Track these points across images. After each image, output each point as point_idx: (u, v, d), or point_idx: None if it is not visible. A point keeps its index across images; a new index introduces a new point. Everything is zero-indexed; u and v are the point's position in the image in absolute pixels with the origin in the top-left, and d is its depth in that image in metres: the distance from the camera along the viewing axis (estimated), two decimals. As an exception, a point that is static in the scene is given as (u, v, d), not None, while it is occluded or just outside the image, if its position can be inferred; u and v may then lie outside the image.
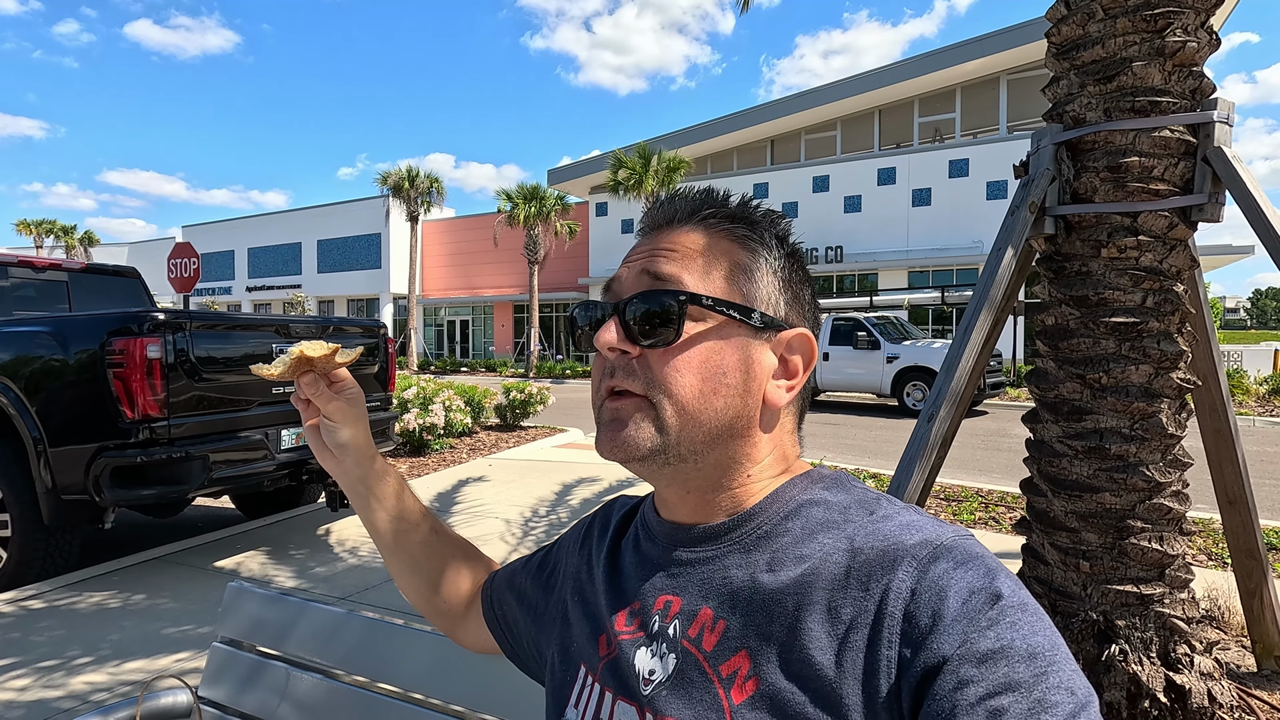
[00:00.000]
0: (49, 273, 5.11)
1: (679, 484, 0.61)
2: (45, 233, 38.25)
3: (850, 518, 0.58)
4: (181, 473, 3.52)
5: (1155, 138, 2.04)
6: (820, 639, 0.52)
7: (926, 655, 0.47)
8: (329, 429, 0.79)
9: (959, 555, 0.52)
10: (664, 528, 0.65)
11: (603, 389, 0.61)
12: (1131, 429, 2.08)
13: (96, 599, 3.50)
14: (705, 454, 0.59)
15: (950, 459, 7.33)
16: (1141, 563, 2.07)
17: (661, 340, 0.58)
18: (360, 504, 0.84)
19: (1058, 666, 0.45)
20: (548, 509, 5.33)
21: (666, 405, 0.57)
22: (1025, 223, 2.17)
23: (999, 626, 0.47)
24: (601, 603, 0.66)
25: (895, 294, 17.93)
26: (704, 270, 0.60)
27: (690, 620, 0.58)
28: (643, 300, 0.58)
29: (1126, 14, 2.05)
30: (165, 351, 3.45)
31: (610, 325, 0.59)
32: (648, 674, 0.59)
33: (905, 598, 0.50)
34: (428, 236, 32.18)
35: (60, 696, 2.54)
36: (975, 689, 0.45)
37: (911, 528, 0.55)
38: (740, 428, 0.59)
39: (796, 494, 0.61)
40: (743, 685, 0.53)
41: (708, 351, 0.58)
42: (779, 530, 0.58)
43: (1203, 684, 2.00)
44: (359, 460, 0.81)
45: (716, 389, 0.58)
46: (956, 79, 23.27)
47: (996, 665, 0.45)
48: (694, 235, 0.62)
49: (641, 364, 0.58)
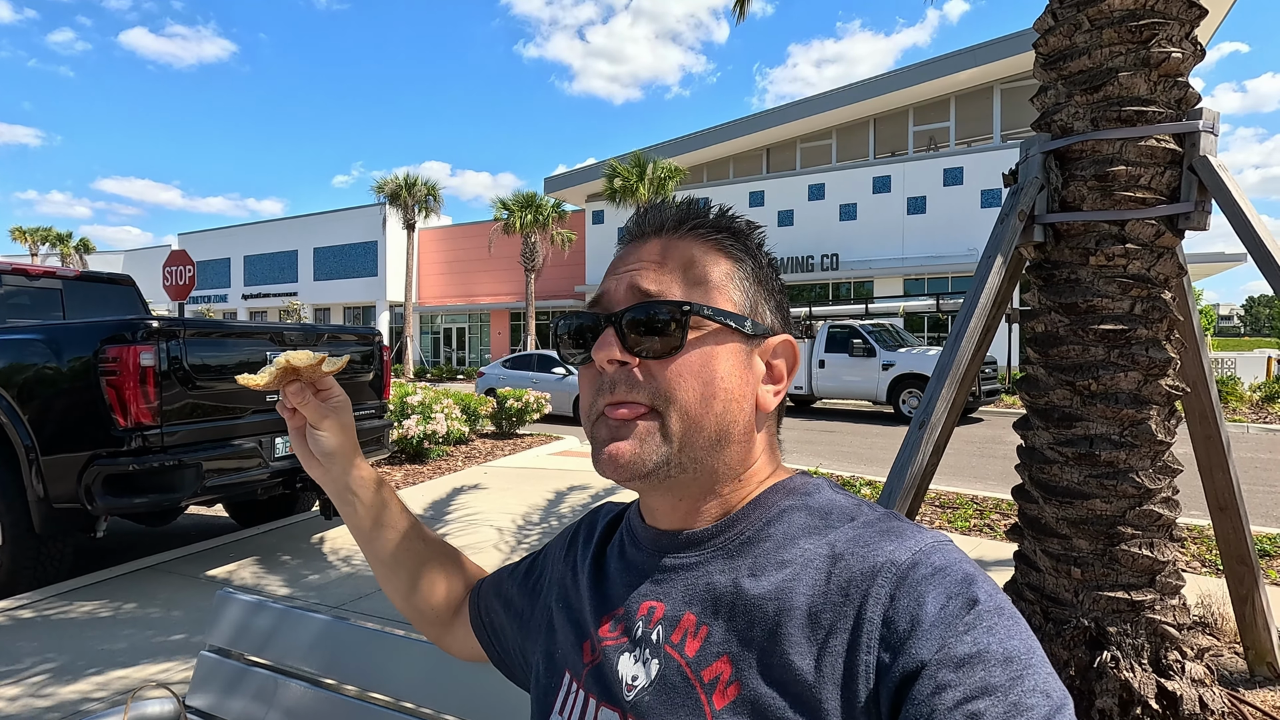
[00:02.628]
0: (43, 280, 5.09)
1: (673, 493, 0.61)
2: (41, 240, 38.18)
3: (831, 523, 0.58)
4: (174, 481, 3.51)
5: (1142, 147, 2.06)
6: (800, 644, 0.52)
7: (905, 660, 0.48)
8: (315, 437, 0.79)
9: (937, 561, 0.52)
10: (649, 534, 0.65)
11: (598, 404, 0.60)
12: (1121, 435, 2.10)
13: (88, 608, 3.48)
14: (705, 461, 0.59)
15: (946, 465, 7.34)
16: (1132, 569, 2.08)
17: (664, 350, 0.58)
18: (347, 511, 0.84)
19: (1033, 670, 0.46)
20: (541, 516, 5.31)
21: (672, 413, 0.57)
22: (1015, 231, 2.18)
23: (975, 631, 0.48)
24: (586, 609, 0.67)
25: (891, 302, 17.96)
26: (696, 281, 0.60)
27: (673, 626, 0.59)
28: (643, 311, 0.59)
29: (1112, 25, 2.07)
30: (159, 359, 3.45)
31: (608, 338, 0.59)
32: (630, 680, 0.59)
33: (884, 603, 0.51)
34: (424, 244, 32.19)
35: (50, 706, 2.52)
36: (952, 693, 0.45)
37: (891, 534, 0.55)
38: (737, 434, 0.60)
39: (779, 499, 0.61)
40: (724, 690, 0.54)
41: (707, 359, 0.59)
42: (761, 535, 0.59)
43: (1194, 690, 2.00)
44: (345, 467, 0.81)
45: (717, 395, 0.59)
46: (950, 88, 23.42)
47: (973, 669, 0.46)
48: (681, 246, 0.62)
49: (644, 374, 0.58)
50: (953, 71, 22.31)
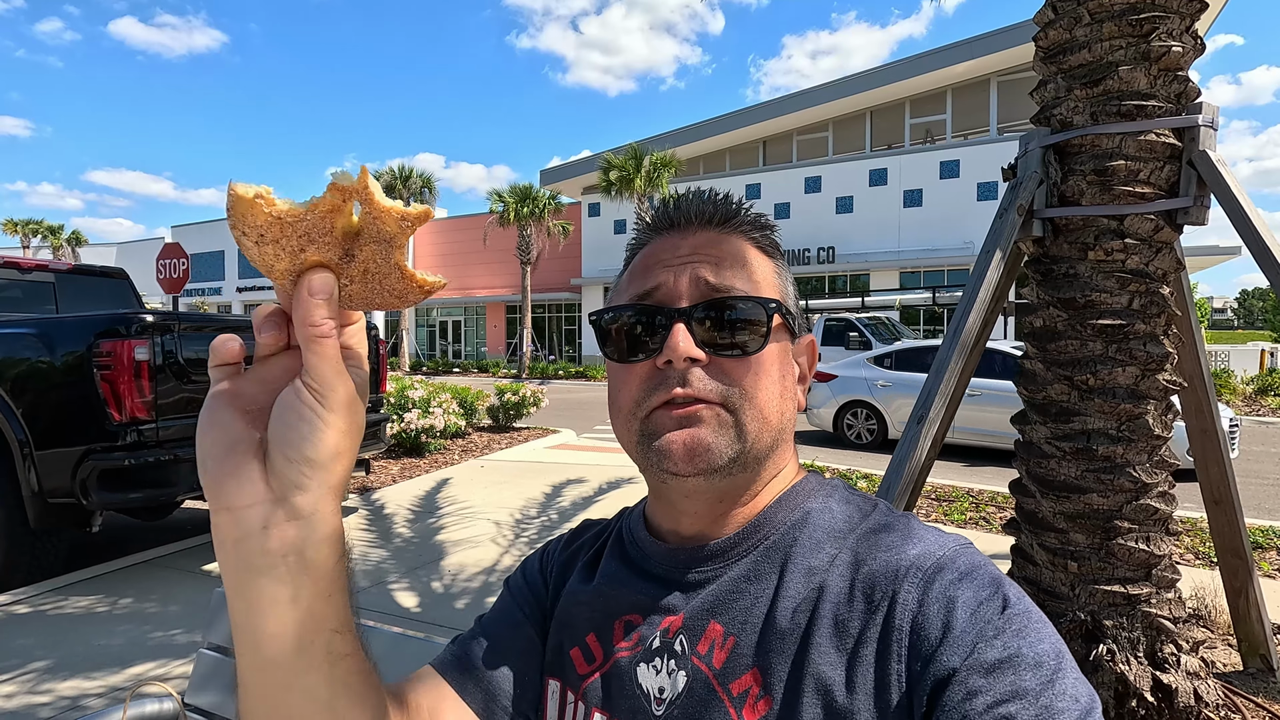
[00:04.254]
0: (36, 274, 5.06)
1: (718, 494, 0.59)
2: (32, 233, 37.88)
3: (853, 527, 0.58)
4: (170, 475, 3.50)
5: (1141, 141, 2.06)
6: (830, 655, 0.51)
7: (936, 667, 0.47)
8: (305, 417, 0.40)
9: (962, 566, 0.52)
10: (660, 549, 0.62)
11: (651, 400, 0.56)
12: (1118, 430, 2.10)
13: (83, 604, 3.47)
14: (762, 462, 0.58)
15: (937, 458, 7.33)
16: (1128, 563, 2.08)
17: (745, 347, 0.56)
18: (270, 584, 0.41)
19: (1063, 674, 0.46)
20: (539, 510, 5.32)
21: (748, 412, 0.56)
22: (1014, 225, 2.18)
23: (1005, 635, 0.47)
24: (582, 622, 0.64)
25: (887, 295, 18.01)
26: (756, 278, 0.59)
27: (698, 636, 0.57)
28: (722, 307, 0.57)
29: (1113, 18, 2.06)
30: (153, 353, 3.43)
31: (679, 333, 0.55)
32: (657, 692, 0.57)
33: (912, 610, 0.50)
34: (420, 236, 32.09)
35: (45, 703, 2.51)
36: (984, 698, 0.45)
37: (913, 538, 0.55)
38: (788, 435, 0.60)
39: (801, 501, 0.61)
40: (754, 705, 0.52)
41: (776, 358, 0.58)
42: (786, 540, 0.58)
43: (1189, 683, 2.02)
44: (319, 501, 0.41)
45: (783, 394, 0.58)
46: (947, 80, 23.40)
47: (1004, 674, 0.46)
48: (732, 241, 0.61)
49: (714, 371, 0.56)
50: (949, 64, 22.28)
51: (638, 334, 0.58)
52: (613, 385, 0.61)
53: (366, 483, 6.16)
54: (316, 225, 0.38)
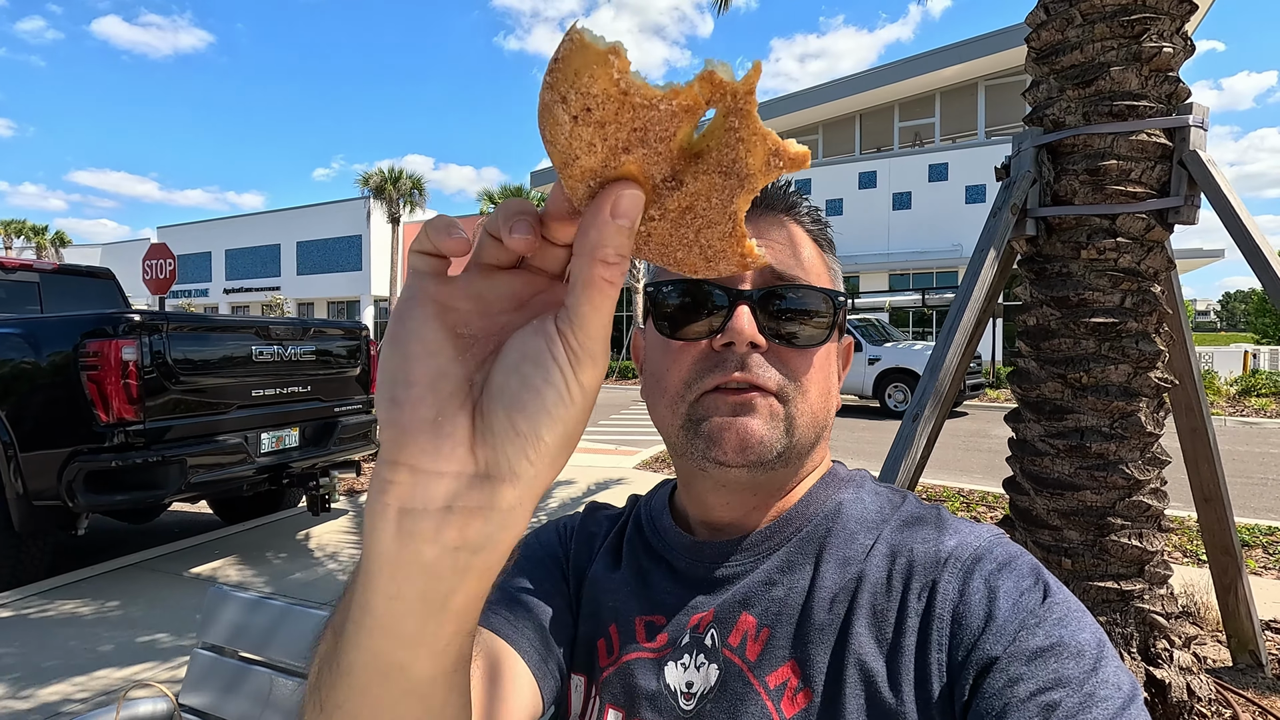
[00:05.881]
0: (20, 274, 4.99)
1: (757, 486, 0.57)
2: (15, 233, 37.43)
3: (885, 518, 0.57)
4: (157, 477, 3.45)
5: (1133, 141, 2.08)
6: (870, 647, 0.51)
7: (978, 655, 0.47)
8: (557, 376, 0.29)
9: (1000, 556, 0.52)
10: (685, 542, 0.61)
11: (705, 381, 0.53)
12: (1111, 427, 2.12)
13: (69, 607, 3.41)
14: (804, 456, 0.57)
15: (931, 459, 7.38)
16: (1122, 559, 2.10)
17: (808, 339, 0.55)
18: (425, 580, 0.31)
19: (1105, 662, 0.46)
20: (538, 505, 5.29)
21: (800, 405, 0.54)
22: (1007, 225, 2.19)
23: (1047, 624, 0.47)
24: (604, 612, 0.62)
25: (876, 297, 18.10)
26: (819, 271, 0.58)
27: (729, 628, 0.55)
28: (791, 294, 0.54)
29: (1104, 19, 2.08)
30: (141, 354, 3.39)
31: (744, 315, 0.52)
32: (685, 687, 0.55)
33: (953, 600, 0.50)
34: (409, 238, 31.90)
35: (31, 709, 2.47)
36: (1026, 685, 0.45)
37: (948, 529, 0.54)
38: (827, 431, 0.59)
39: (833, 492, 0.60)
40: (794, 698, 0.51)
41: (829, 352, 0.58)
42: (820, 531, 0.57)
43: (1182, 678, 2.03)
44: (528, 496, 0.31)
45: (832, 390, 0.58)
46: (936, 84, 23.58)
47: (1046, 662, 0.45)
48: (797, 231, 0.59)
49: (773, 359, 0.54)
50: (938, 68, 22.45)
51: (697, 311, 0.54)
52: (659, 364, 0.57)
53: (356, 485, 6.11)
54: (660, 121, 0.28)
